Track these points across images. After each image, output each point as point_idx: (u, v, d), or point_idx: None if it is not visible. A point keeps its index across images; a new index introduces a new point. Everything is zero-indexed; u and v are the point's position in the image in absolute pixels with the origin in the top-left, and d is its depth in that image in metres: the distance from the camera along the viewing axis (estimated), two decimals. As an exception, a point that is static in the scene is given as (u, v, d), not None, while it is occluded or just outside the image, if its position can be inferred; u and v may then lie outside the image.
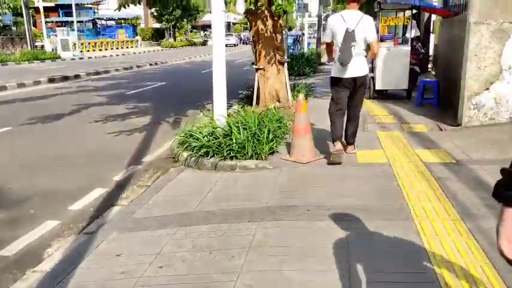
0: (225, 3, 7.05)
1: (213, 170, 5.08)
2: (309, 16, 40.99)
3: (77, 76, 17.30)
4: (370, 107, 8.54)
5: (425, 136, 6.21)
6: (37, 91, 13.49)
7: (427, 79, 8.60)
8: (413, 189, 4.06)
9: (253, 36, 8.43)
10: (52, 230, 3.71)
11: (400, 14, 9.60)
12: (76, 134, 7.65)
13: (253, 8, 8.13)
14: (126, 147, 6.48)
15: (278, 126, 6.35)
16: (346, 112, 5.22)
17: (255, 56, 8.52)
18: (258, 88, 8.64)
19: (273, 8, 8.02)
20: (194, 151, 5.44)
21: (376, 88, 9.40)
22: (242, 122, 6.22)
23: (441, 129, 6.56)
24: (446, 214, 3.45)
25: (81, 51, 33.40)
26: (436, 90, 8.36)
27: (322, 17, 23.68)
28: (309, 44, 29.75)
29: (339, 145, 5.08)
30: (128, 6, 8.41)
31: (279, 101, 8.48)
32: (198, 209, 3.81)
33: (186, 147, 5.64)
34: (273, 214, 3.60)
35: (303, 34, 27.60)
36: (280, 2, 6.79)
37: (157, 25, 55.04)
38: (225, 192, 4.29)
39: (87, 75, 17.86)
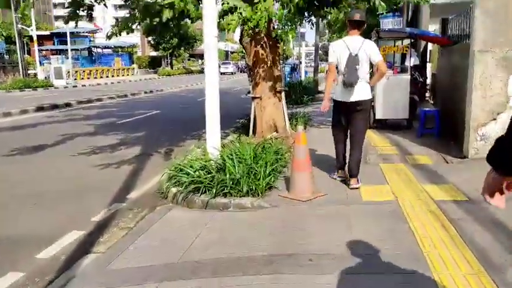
0: (221, 30, 6.76)
1: (204, 208, 4.65)
2: (306, 45, 41.35)
3: (67, 104, 16.95)
4: (371, 137, 8.19)
5: (431, 169, 5.83)
6: (24, 120, 13.10)
7: (428, 108, 8.30)
8: (426, 232, 3.64)
9: (249, 64, 8.13)
10: (13, 284, 3.22)
11: (399, 43, 9.38)
12: (58, 167, 7.21)
13: (252, 34, 7.87)
14: (111, 182, 6.04)
15: (276, 159, 5.96)
16: (348, 137, 5.28)
17: (251, 84, 8.20)
18: (255, 117, 8.28)
19: (273, 34, 7.75)
20: (184, 187, 5.02)
21: (377, 117, 9.08)
22: (237, 154, 5.84)
23: (447, 162, 6.19)
24: (468, 265, 3.02)
25: (75, 79, 33.26)
26: (438, 120, 8.03)
27: (319, 46, 23.70)
28: (306, 72, 29.77)
29: (340, 173, 5.37)
30: (120, 35, 8.11)
31: (276, 131, 8.11)
32: (185, 259, 3.35)
33: (176, 183, 5.22)
34: (270, 265, 3.16)
35: (300, 63, 27.59)
36: (281, 29, 6.49)
37: (154, 53, 55.36)
38: (216, 236, 3.85)
39: (79, 104, 17.53)
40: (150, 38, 48.99)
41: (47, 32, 46.30)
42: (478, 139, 6.01)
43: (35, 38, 30.59)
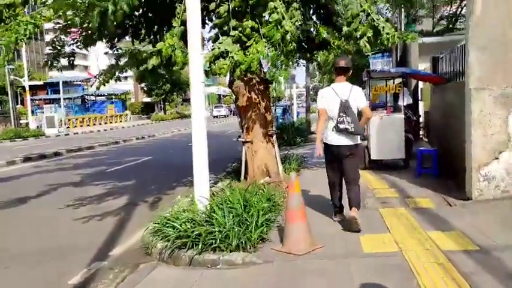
0: (213, 74, 6.56)
1: (192, 266, 4.25)
2: (297, 87, 41.85)
3: (56, 154, 16.60)
4: (367, 179, 7.88)
5: (435, 213, 5.49)
6: (11, 171, 12.70)
7: (424, 148, 8.06)
8: (437, 290, 3.26)
9: (239, 108, 7.91)
10: None
11: (390, 82, 9.28)
12: (39, 222, 6.80)
13: (242, 77, 7.70)
14: (94, 236, 5.63)
15: (269, 207, 5.62)
16: (342, 178, 5.30)
17: (242, 128, 7.96)
18: (246, 162, 7.99)
19: (266, 75, 7.56)
20: (170, 241, 4.63)
21: (372, 158, 8.81)
22: (227, 203, 5.50)
23: (450, 204, 5.86)
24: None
25: (68, 127, 33.14)
26: (435, 159, 7.77)
27: (310, 88, 23.87)
28: (298, 113, 29.85)
29: (338, 217, 5.36)
30: (108, 83, 7.91)
31: (269, 175, 7.80)
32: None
33: (161, 237, 4.84)
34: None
35: (292, 104, 27.69)
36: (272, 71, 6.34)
37: (147, 99, 55.72)
38: (204, 299, 3.45)
39: (68, 152, 17.19)
40: (143, 85, 49.56)
41: (40, 82, 46.64)
42: (480, 180, 5.72)
43: (27, 89, 30.69)
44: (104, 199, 8.18)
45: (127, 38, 7.61)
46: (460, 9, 25.86)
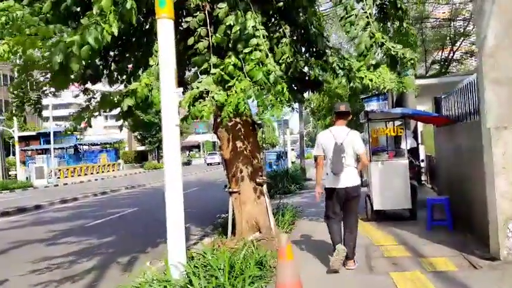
0: (193, 118, 5.76)
1: None
2: (291, 133, 41.43)
3: (37, 207, 15.55)
4: (371, 234, 6.94)
5: (458, 279, 4.54)
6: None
7: (433, 196, 7.18)
8: None
9: (225, 156, 7.09)
10: None
11: (390, 125, 8.54)
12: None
13: (228, 121, 6.92)
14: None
15: (258, 274, 4.68)
16: (342, 220, 5.30)
17: (228, 177, 7.09)
18: (234, 215, 7.06)
19: (255, 118, 6.72)
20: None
21: (375, 208, 7.91)
22: (208, 268, 4.57)
23: (474, 266, 4.91)
24: None
25: (58, 178, 32.12)
26: (448, 210, 6.88)
27: (304, 134, 23.31)
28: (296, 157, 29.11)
29: (339, 247, 5.10)
30: (76, 130, 7.11)
31: (259, 230, 6.85)
32: None
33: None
34: None
35: (286, 152, 26.96)
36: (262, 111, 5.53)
37: (141, 147, 55.05)
38: None
39: (51, 205, 16.13)
40: (136, 133, 49.11)
41: (33, 132, 46.05)
42: (509, 235, 4.82)
43: (16, 139, 29.99)
44: (72, 260, 7.18)
45: (103, 80, 6.90)
46: (452, 54, 25.96)
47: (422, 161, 11.49)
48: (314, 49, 6.97)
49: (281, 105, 5.76)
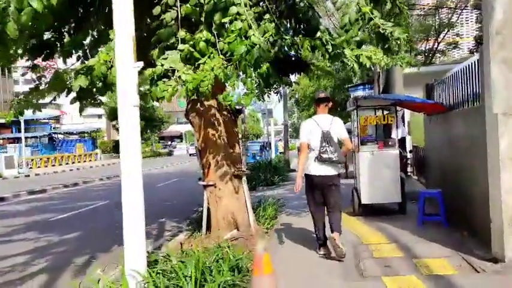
0: (154, 100, 5.01)
1: None
2: (275, 124, 40.84)
3: (0, 199, 14.57)
4: (359, 231, 6.36)
5: (459, 284, 3.97)
6: None
7: (428, 190, 6.62)
8: None
9: (199, 143, 6.39)
10: None
11: (379, 112, 7.94)
12: None
13: (199, 105, 6.19)
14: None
15: (232, 281, 4.02)
16: (325, 210, 5.26)
17: (203, 168, 6.40)
18: (209, 211, 6.39)
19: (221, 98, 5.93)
20: None
21: (363, 202, 7.32)
22: (173, 276, 3.91)
23: (475, 269, 4.34)
24: None
25: (31, 168, 30.88)
26: (442, 204, 6.33)
27: (288, 125, 22.76)
28: (276, 149, 28.50)
29: (323, 250, 5.17)
30: (23, 114, 6.24)
31: (237, 228, 6.19)
32: None
33: None
34: None
35: (270, 143, 26.33)
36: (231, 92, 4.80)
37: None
38: None
39: (15, 197, 15.16)
40: (114, 122, 47.79)
41: (3, 120, 44.33)
42: (517, 235, 4.26)
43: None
44: (24, 261, 6.44)
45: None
46: (436, 45, 25.63)
47: (410, 151, 10.96)
48: (303, 26, 6.27)
49: (256, 91, 5.09)
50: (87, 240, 7.78)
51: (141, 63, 4.04)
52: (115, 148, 51.76)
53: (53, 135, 45.70)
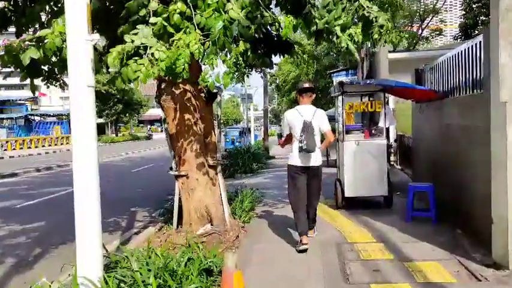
0: (123, 81, 4.38)
1: None
2: (255, 109, 40.24)
3: (-36, 183, 13.72)
4: (343, 227, 5.89)
5: (459, 294, 3.53)
6: None
7: (417, 183, 6.18)
8: None
9: (170, 128, 5.78)
10: None
11: (367, 99, 7.45)
12: None
13: (172, 87, 5.55)
14: None
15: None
16: (306, 201, 5.22)
17: (174, 157, 5.81)
18: (180, 203, 5.83)
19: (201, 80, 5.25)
20: None
21: (346, 195, 6.86)
22: (132, 283, 3.37)
23: (476, 277, 3.89)
24: None
25: (5, 150, 29.70)
26: (433, 199, 5.89)
27: (268, 110, 22.20)
28: (256, 136, 27.97)
29: (305, 240, 4.96)
30: None
31: (210, 222, 5.65)
32: None
33: None
34: None
35: (250, 128, 25.77)
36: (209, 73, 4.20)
37: (99, 120, 52.40)
38: None
39: (-20, 181, 14.33)
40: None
41: (-23, 101, 42.73)
42: (522, 239, 3.82)
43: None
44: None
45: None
46: (421, 31, 25.30)
47: (396, 141, 10.54)
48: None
49: (236, 71, 4.51)
50: (51, 231, 7.15)
51: (96, 36, 3.41)
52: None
53: (30, 116, 44.18)
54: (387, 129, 8.88)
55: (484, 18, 20.76)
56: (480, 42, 4.62)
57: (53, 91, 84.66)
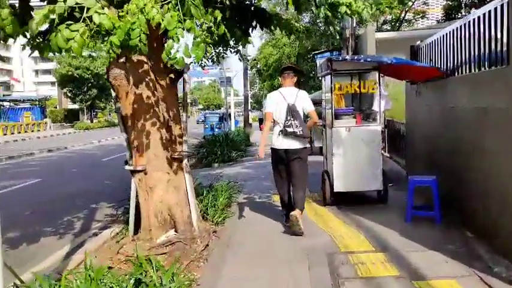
0: (52, 51, 3.32)
1: None
2: (236, 94, 39.10)
3: None
4: (334, 229, 4.99)
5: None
6: None
7: (419, 177, 5.29)
8: None
9: (123, 108, 4.73)
10: None
11: (357, 79, 6.51)
12: None
13: (124, 61, 4.48)
14: None
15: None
16: (290, 182, 5.17)
17: (129, 148, 4.78)
18: (138, 205, 4.83)
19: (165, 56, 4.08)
20: None
21: (335, 190, 5.96)
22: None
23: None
24: None
25: (-31, 138, 28.05)
26: (437, 196, 5.02)
27: (249, 95, 21.23)
28: (237, 122, 26.97)
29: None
30: None
31: (175, 227, 4.67)
32: None
33: None
34: None
35: (230, 114, 24.72)
36: (173, 46, 3.18)
37: (74, 106, 50.43)
38: None
39: None
40: (65, 90, 44.68)
41: None
42: None
43: None
44: None
45: None
46: (404, 13, 24.52)
47: (386, 126, 9.69)
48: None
49: (208, 38, 3.53)
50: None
51: None
52: (67, 117, 48.67)
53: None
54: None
55: (467, 1, 20.18)
56: (503, 5, 3.71)
57: (26, 76, 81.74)
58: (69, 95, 45.48)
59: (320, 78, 7.60)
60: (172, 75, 4.82)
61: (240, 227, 5.39)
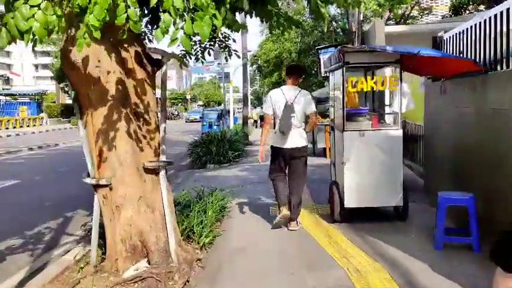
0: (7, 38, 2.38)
1: None
2: (236, 91, 38.12)
3: None
4: (345, 256, 4.03)
5: None
6: None
7: (453, 194, 4.29)
8: None
9: (82, 102, 3.76)
10: None
11: (371, 75, 5.54)
12: None
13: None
14: None
15: None
16: (286, 178, 5.12)
17: (90, 156, 3.81)
18: (103, 228, 3.87)
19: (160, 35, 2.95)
20: None
21: (347, 206, 4.99)
22: None
23: None
24: None
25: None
26: (475, 217, 4.05)
27: (250, 92, 20.39)
28: (236, 119, 26.05)
29: (285, 210, 4.93)
30: None
31: (147, 257, 3.70)
32: None
33: None
34: None
35: (228, 112, 23.81)
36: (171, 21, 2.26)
37: (70, 101, 49.43)
38: None
39: None
40: (62, 85, 43.70)
41: None
42: None
43: None
44: None
45: None
46: (410, 10, 23.57)
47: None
48: None
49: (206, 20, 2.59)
50: None
51: None
52: (64, 112, 47.66)
53: (-8, 97, 41.25)
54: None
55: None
56: None
57: (26, 71, 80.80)
58: (66, 89, 44.52)
59: (327, 73, 6.63)
60: (148, 65, 3.86)
61: (233, 250, 4.43)
